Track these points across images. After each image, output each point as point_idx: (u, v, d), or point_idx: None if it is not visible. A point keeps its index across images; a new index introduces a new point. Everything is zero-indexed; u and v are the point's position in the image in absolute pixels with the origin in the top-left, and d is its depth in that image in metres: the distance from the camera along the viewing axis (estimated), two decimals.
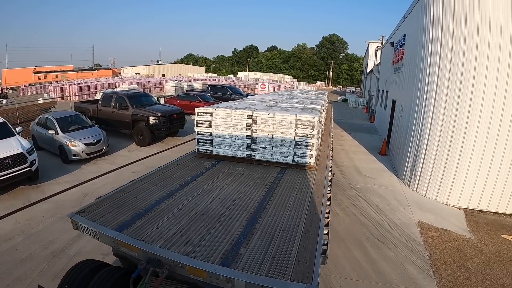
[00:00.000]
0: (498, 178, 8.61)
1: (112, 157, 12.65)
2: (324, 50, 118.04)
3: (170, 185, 5.34)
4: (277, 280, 3.06)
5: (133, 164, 11.81)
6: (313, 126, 6.36)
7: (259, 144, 6.71)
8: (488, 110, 8.35)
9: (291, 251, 3.56)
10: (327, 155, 7.83)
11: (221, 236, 3.82)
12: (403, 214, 8.45)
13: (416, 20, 10.98)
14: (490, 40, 8.09)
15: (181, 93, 28.10)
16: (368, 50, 48.16)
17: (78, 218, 4.13)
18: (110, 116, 15.15)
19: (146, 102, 15.55)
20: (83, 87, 37.46)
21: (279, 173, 6.27)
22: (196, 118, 7.05)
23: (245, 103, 8.30)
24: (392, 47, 16.27)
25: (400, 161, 11.39)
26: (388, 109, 16.53)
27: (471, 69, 8.37)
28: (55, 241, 6.69)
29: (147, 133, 14.08)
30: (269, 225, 4.15)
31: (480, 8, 8.11)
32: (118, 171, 11.02)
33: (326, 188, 5.59)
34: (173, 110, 15.49)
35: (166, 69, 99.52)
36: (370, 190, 9.94)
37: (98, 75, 77.59)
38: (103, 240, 3.93)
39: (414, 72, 10.77)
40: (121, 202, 4.63)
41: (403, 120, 11.97)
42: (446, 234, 7.62)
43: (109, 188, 9.01)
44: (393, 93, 15.35)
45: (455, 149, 8.90)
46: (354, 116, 29.53)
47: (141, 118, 14.28)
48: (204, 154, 7.15)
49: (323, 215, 4.48)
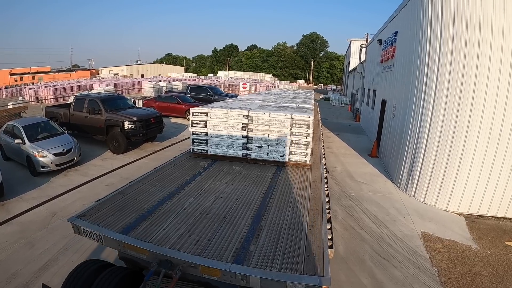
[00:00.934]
0: (499, 182, 8.19)
1: (85, 167, 11.57)
2: (305, 48, 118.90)
3: (169, 186, 5.31)
4: (291, 275, 3.13)
5: (107, 175, 10.77)
6: (308, 125, 6.49)
7: (255, 143, 6.79)
8: (490, 109, 7.86)
9: (299, 246, 3.65)
10: (320, 153, 7.96)
11: (230, 235, 3.85)
12: (404, 224, 7.85)
13: (411, 16, 10.41)
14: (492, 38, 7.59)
15: (160, 94, 26.94)
16: (350, 48, 47.95)
17: (80, 222, 4.01)
18: (83, 122, 13.95)
19: (121, 106, 14.42)
20: (59, 89, 35.17)
21: (276, 172, 6.35)
22: (191, 118, 7.07)
23: (238, 103, 8.29)
24: (380, 45, 15.74)
25: (395, 165, 10.83)
26: (376, 109, 16.02)
27: (472, 68, 7.85)
28: (19, 273, 5.73)
29: (123, 139, 12.99)
30: (274, 222, 4.21)
31: (482, 5, 7.60)
32: (91, 184, 9.98)
33: (323, 185, 5.72)
34: (150, 113, 14.40)
35: (145, 69, 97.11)
36: (366, 198, 9.30)
37: (75, 76, 75.13)
38: (109, 244, 3.85)
39: (409, 70, 10.20)
40: (122, 204, 4.56)
41: (396, 121, 11.42)
42: (451, 245, 7.10)
43: (80, 205, 8.18)
44: (382, 92, 14.82)
45: (456, 152, 8.37)
46: (338, 115, 29.14)
47: (115, 123, 13.16)
48: (200, 154, 7.17)
49: (325, 211, 4.61)
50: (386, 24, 14.70)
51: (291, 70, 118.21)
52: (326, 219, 4.40)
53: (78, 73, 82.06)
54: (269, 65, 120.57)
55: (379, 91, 15.77)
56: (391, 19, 13.40)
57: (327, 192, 5.55)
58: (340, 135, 18.39)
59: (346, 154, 14.07)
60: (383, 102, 14.19)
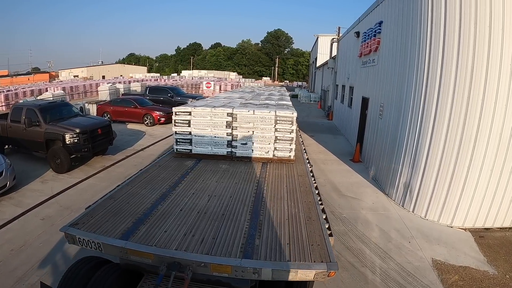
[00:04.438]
0: (507, 191, 7.18)
1: (20, 193, 9.24)
2: (269, 45, 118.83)
3: (160, 187, 5.20)
4: (300, 263, 3.23)
5: (45, 204, 8.56)
6: (292, 122, 6.68)
7: (240, 141, 6.84)
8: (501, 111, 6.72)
9: (301, 236, 3.75)
10: (301, 148, 8.08)
11: (233, 231, 3.84)
12: (411, 252, 6.48)
13: (401, 2, 9.03)
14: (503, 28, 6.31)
15: (116, 97, 24.45)
16: (317, 43, 46.92)
17: (74, 231, 3.78)
18: (21, 135, 11.47)
19: (64, 115, 12.03)
20: (11, 95, 30.52)
21: (263, 168, 6.41)
22: (174, 117, 7.01)
23: (219, 102, 8.26)
24: (357, 38, 14.42)
25: (387, 174, 9.48)
26: (355, 107, 14.72)
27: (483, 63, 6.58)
28: None
29: (65, 156, 10.73)
30: (273, 216, 4.28)
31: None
32: (23, 218, 7.77)
33: (311, 178, 5.84)
34: (97, 123, 12.13)
35: (106, 70, 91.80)
36: (361, 219, 7.83)
37: (34, 80, 68.89)
38: (109, 251, 3.66)
39: (402, 65, 8.87)
40: (115, 209, 4.39)
41: (384, 122, 10.07)
42: (467, 274, 5.95)
43: (8, 251, 6.25)
44: (363, 89, 13.48)
45: (464, 161, 7.17)
46: (309, 113, 27.92)
47: (55, 136, 10.87)
48: (183, 154, 7.08)
49: (317, 202, 4.75)
50: (365, 14, 13.33)
51: (256, 67, 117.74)
52: (321, 209, 4.53)
53: (37, 76, 75.81)
54: (234, 63, 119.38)
55: (358, 87, 14.44)
56: (372, 9, 12.02)
57: (315, 184, 5.64)
58: (315, 137, 17.03)
59: (326, 160, 12.65)
60: (365, 100, 12.89)
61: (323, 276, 3.16)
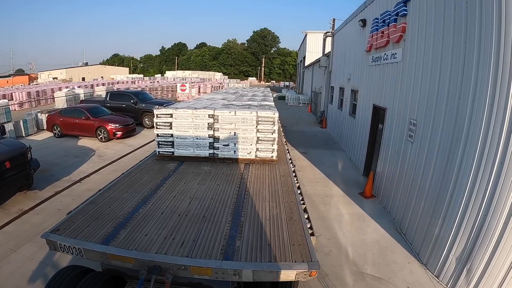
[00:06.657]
0: None
1: None
2: (255, 45, 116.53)
3: (141, 191, 5.03)
4: (281, 264, 3.19)
5: None
6: (273, 122, 6.57)
7: (222, 142, 6.70)
8: None
9: (282, 237, 3.67)
10: (283, 148, 7.91)
11: (213, 233, 3.77)
12: None
13: None
14: None
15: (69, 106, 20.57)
16: (306, 41, 43.31)
17: (55, 237, 3.67)
18: None
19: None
20: None
21: (245, 169, 6.31)
22: (156, 120, 6.79)
23: (201, 103, 7.97)
24: (363, 27, 10.90)
25: (425, 232, 5.87)
26: (362, 118, 11.15)
27: None
28: None
29: None
30: (254, 216, 4.20)
31: None
32: None
33: (293, 178, 5.78)
34: (5, 152, 8.14)
35: (87, 72, 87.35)
36: None
37: (13, 82, 65.00)
38: (90, 257, 3.57)
39: (459, 60, 5.14)
40: (96, 214, 4.23)
41: (417, 149, 6.58)
42: None
43: None
44: (373, 94, 9.85)
45: None
46: (299, 119, 24.39)
47: None
48: (166, 156, 6.87)
49: (299, 202, 4.71)
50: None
51: (241, 67, 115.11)
52: (302, 209, 4.47)
53: (16, 79, 72.13)
54: (219, 63, 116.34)
55: (366, 92, 10.78)
56: None
57: (298, 184, 5.56)
58: (308, 154, 13.46)
59: (327, 196, 8.96)
60: (378, 110, 9.40)
61: (305, 276, 3.12)
